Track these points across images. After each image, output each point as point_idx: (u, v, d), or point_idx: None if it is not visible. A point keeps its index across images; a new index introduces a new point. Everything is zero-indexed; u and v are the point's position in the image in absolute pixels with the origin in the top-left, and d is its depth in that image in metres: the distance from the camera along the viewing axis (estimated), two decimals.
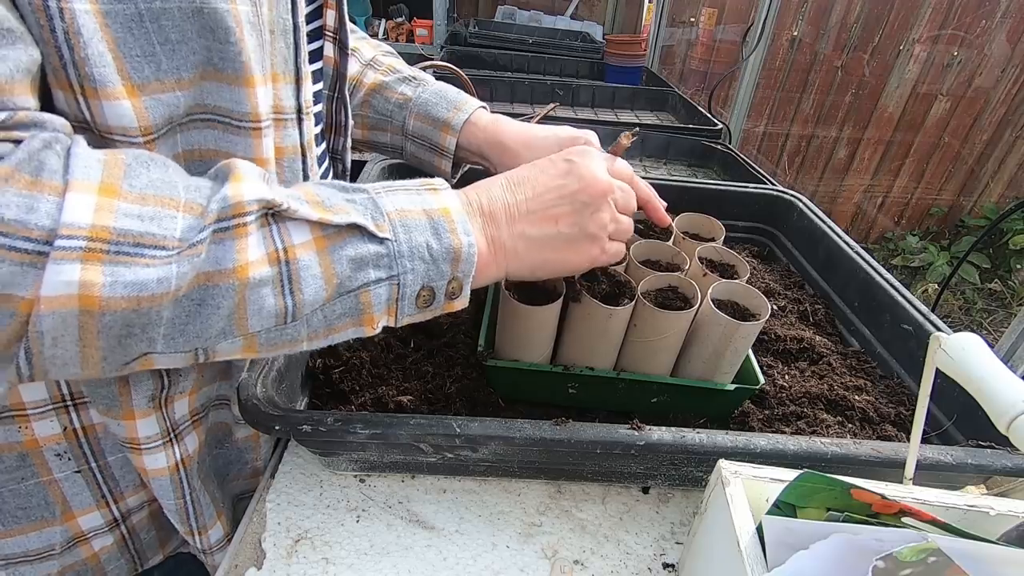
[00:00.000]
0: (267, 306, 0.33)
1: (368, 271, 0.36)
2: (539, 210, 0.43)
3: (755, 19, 1.76)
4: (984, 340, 0.37)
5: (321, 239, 0.35)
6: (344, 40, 0.52)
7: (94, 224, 0.28)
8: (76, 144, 0.30)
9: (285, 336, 0.36)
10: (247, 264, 0.32)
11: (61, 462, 0.45)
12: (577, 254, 0.44)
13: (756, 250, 0.94)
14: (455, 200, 0.40)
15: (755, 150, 3.09)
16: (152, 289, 0.29)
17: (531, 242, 0.43)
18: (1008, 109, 2.90)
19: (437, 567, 0.46)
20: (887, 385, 0.64)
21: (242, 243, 0.32)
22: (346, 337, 0.38)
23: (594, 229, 0.44)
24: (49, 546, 0.47)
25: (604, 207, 0.44)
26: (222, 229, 0.31)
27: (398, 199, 0.38)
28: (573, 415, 0.51)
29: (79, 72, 0.31)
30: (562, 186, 0.43)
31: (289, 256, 0.34)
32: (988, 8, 2.68)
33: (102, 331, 0.29)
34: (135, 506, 0.51)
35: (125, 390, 0.42)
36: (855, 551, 0.33)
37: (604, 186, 0.44)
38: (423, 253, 0.37)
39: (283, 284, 0.33)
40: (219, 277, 0.31)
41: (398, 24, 2.88)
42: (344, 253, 0.35)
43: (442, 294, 0.39)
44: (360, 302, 0.37)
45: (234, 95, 0.38)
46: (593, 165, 0.44)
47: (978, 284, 2.82)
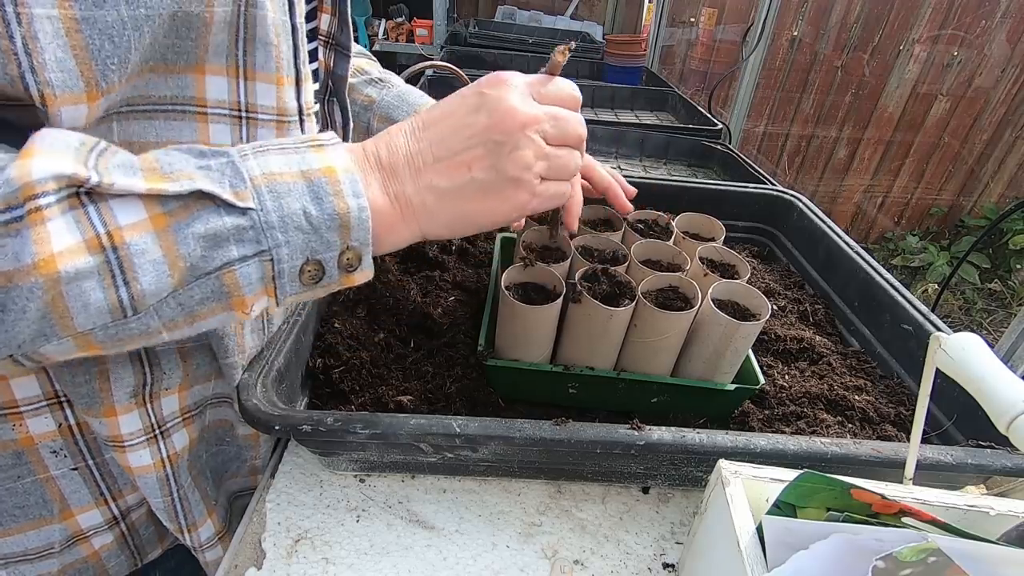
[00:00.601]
0: (94, 301, 0.29)
1: (229, 248, 0.31)
2: (446, 156, 0.37)
3: (755, 19, 1.76)
4: (984, 340, 0.37)
5: (160, 216, 0.29)
6: (344, 43, 0.52)
7: None
8: None
9: (130, 331, 0.31)
10: (52, 256, 0.27)
11: (57, 459, 0.45)
12: (500, 202, 0.38)
13: (756, 250, 0.94)
14: (343, 157, 0.35)
15: (755, 150, 3.09)
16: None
17: (442, 194, 0.37)
18: (1008, 109, 2.90)
19: (437, 567, 0.46)
20: (887, 385, 0.64)
21: (39, 232, 0.26)
22: (216, 324, 0.34)
23: (514, 171, 0.37)
24: (48, 544, 0.47)
25: (524, 143, 0.37)
26: (12, 219, 0.26)
27: (269, 161, 0.33)
28: (573, 415, 0.51)
29: (38, 78, 0.29)
30: (471, 124, 0.37)
31: (116, 241, 0.28)
32: (988, 8, 2.68)
33: None
34: (134, 503, 0.51)
35: (105, 386, 0.41)
36: (855, 551, 0.33)
37: (522, 117, 0.37)
38: (300, 222, 0.32)
39: (112, 274, 0.29)
40: (18, 276, 0.26)
41: (398, 24, 2.88)
42: (191, 230, 0.30)
43: (334, 267, 0.35)
44: (224, 283, 0.32)
45: (179, 81, 0.35)
46: (508, 95, 0.37)
47: (978, 284, 2.82)
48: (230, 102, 0.38)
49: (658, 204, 0.89)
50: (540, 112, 0.38)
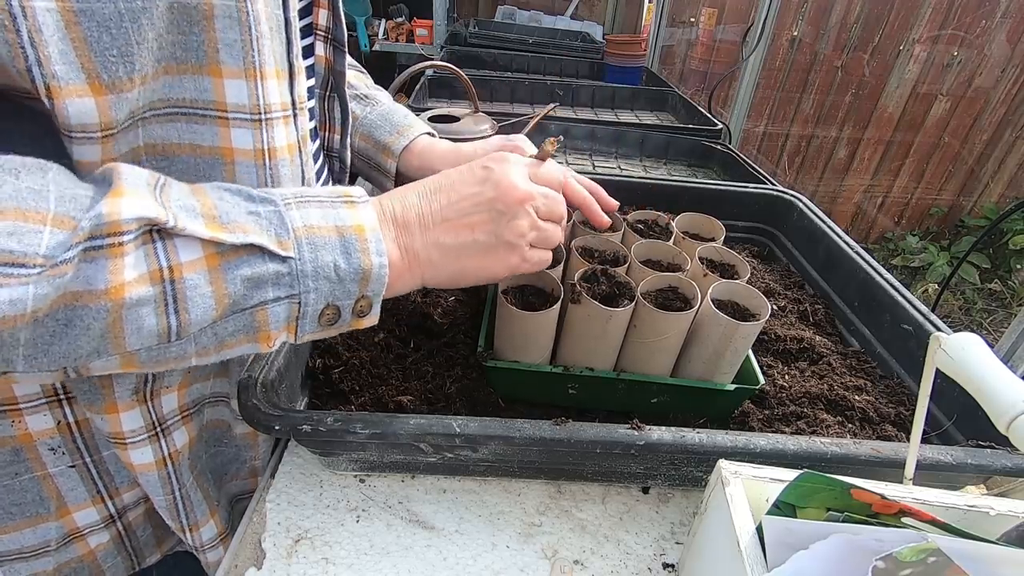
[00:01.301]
0: (147, 326, 0.32)
1: (266, 290, 0.35)
2: (454, 218, 0.42)
3: (755, 19, 1.76)
4: (984, 340, 0.37)
5: (214, 256, 0.33)
6: (339, 38, 0.53)
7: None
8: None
9: (169, 354, 0.34)
10: (122, 285, 0.30)
11: (55, 456, 0.45)
12: (495, 262, 0.44)
13: (756, 250, 0.94)
14: (370, 216, 0.39)
15: (755, 150, 3.09)
16: (3, 311, 0.27)
17: (446, 250, 0.42)
18: (1008, 109, 2.90)
19: (437, 567, 0.46)
20: (887, 385, 0.64)
21: (116, 263, 0.30)
22: (239, 353, 0.37)
23: (511, 237, 0.43)
24: (44, 542, 0.47)
25: (522, 215, 0.43)
26: (94, 248, 0.29)
27: (310, 214, 0.36)
28: (573, 415, 0.51)
29: (43, 71, 0.30)
30: (478, 193, 0.43)
31: (175, 275, 0.32)
32: (988, 8, 2.68)
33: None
34: (131, 502, 0.51)
35: (107, 383, 0.42)
36: (855, 551, 0.33)
37: (521, 194, 0.43)
38: (329, 273, 0.36)
39: (167, 303, 0.32)
40: (89, 298, 0.29)
41: (398, 24, 2.88)
42: (239, 272, 0.33)
43: (348, 312, 0.38)
44: (255, 319, 0.35)
45: (197, 84, 0.37)
46: (511, 172, 0.44)
47: (978, 284, 2.82)
48: (250, 106, 0.40)
49: (658, 204, 0.89)
50: (535, 191, 0.44)
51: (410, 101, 1.48)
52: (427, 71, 1.43)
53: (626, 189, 0.91)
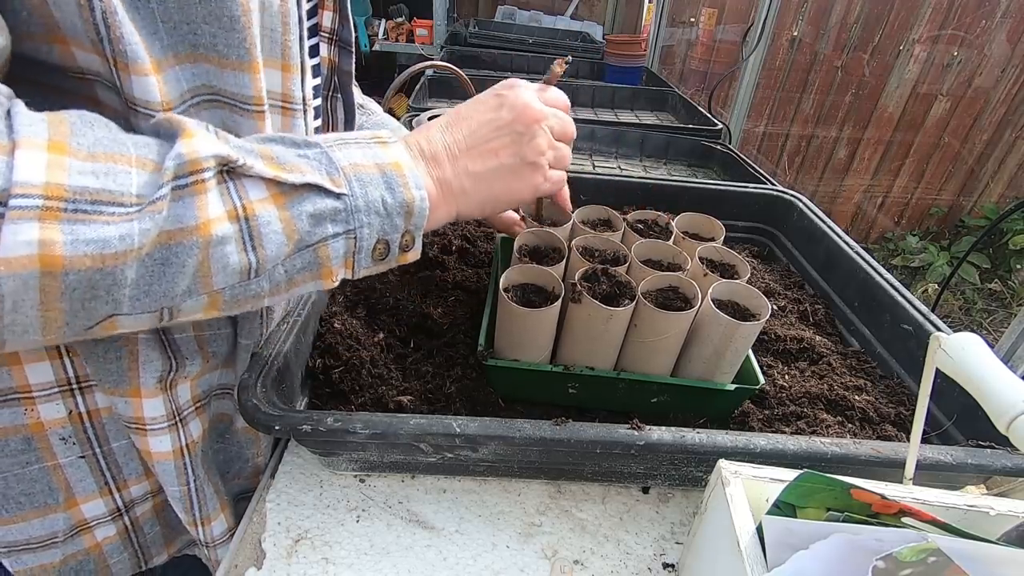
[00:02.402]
0: (231, 263, 0.34)
1: (326, 225, 0.36)
2: (478, 145, 0.44)
3: (755, 19, 1.76)
4: (984, 340, 0.37)
5: (278, 195, 0.35)
6: (346, 39, 0.53)
7: (48, 182, 0.27)
8: (16, 105, 0.29)
9: (249, 292, 0.36)
10: (208, 221, 0.32)
11: (66, 446, 0.45)
12: (521, 182, 0.46)
13: (756, 250, 0.94)
14: (404, 153, 0.41)
15: (755, 150, 3.09)
16: (115, 247, 0.29)
17: (476, 177, 0.44)
18: (1008, 109, 2.90)
19: (437, 567, 0.46)
20: (887, 385, 0.64)
21: (202, 200, 0.32)
22: (306, 290, 0.39)
23: (533, 156, 0.45)
24: (52, 533, 0.48)
25: (539, 134, 0.45)
26: (180, 186, 0.31)
27: (351, 153, 0.38)
28: (573, 415, 0.51)
29: (114, 48, 0.33)
30: (496, 118, 0.44)
31: (248, 212, 0.34)
32: (988, 8, 2.68)
33: (65, 292, 0.29)
34: (138, 496, 0.51)
35: (134, 366, 0.43)
36: (855, 551, 0.33)
37: (536, 113, 0.45)
38: (378, 207, 0.38)
39: (244, 240, 0.34)
40: (182, 235, 0.31)
41: (398, 24, 2.88)
42: (303, 208, 0.35)
43: (396, 247, 0.40)
44: (318, 256, 0.37)
45: (238, 79, 0.39)
46: (523, 95, 0.45)
47: (978, 284, 2.82)
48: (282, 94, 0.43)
49: (658, 204, 0.89)
50: (548, 110, 0.46)
51: (410, 101, 1.47)
52: (427, 71, 1.43)
53: (626, 189, 0.91)
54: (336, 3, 0.51)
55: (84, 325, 0.31)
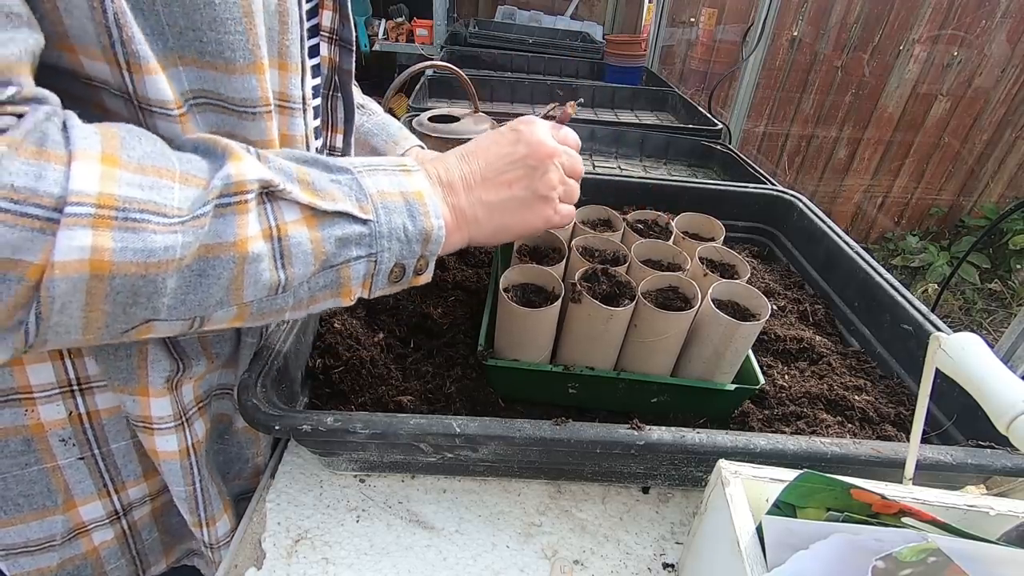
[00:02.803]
0: (263, 279, 0.35)
1: (351, 248, 0.38)
2: (493, 177, 0.46)
3: (755, 19, 1.75)
4: (984, 340, 0.37)
5: (311, 218, 0.37)
6: (347, 38, 0.53)
7: (101, 192, 0.29)
8: (71, 117, 0.31)
9: (274, 306, 0.38)
10: (247, 239, 0.34)
11: (65, 448, 0.45)
12: (533, 214, 0.47)
13: (756, 250, 0.94)
14: (426, 182, 0.43)
15: (755, 150, 3.09)
16: (159, 256, 0.31)
17: (489, 207, 0.45)
18: (1008, 109, 2.90)
19: (437, 567, 0.46)
20: (887, 385, 0.64)
21: (243, 219, 0.34)
22: (325, 307, 0.41)
23: (544, 190, 0.47)
24: (50, 536, 0.48)
25: (552, 169, 0.47)
26: (224, 204, 0.33)
27: (379, 180, 0.40)
28: (573, 415, 0.51)
29: (126, 50, 0.34)
30: (511, 153, 0.46)
31: (281, 233, 0.35)
32: (988, 8, 2.68)
33: (109, 296, 0.30)
34: (136, 499, 0.51)
35: (143, 366, 0.43)
36: (855, 551, 0.33)
37: (550, 150, 0.47)
38: (400, 234, 0.40)
39: (276, 259, 0.36)
40: (220, 249, 0.33)
41: (398, 24, 2.88)
42: (333, 232, 0.37)
43: (411, 270, 0.42)
44: (340, 276, 0.39)
45: (246, 83, 0.39)
46: (538, 131, 0.47)
47: (978, 284, 2.82)
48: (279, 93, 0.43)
49: (658, 204, 0.89)
50: (560, 148, 0.48)
51: (410, 101, 1.47)
52: (427, 71, 1.43)
53: (626, 189, 0.91)
54: (336, 2, 0.51)
55: (122, 328, 0.33)
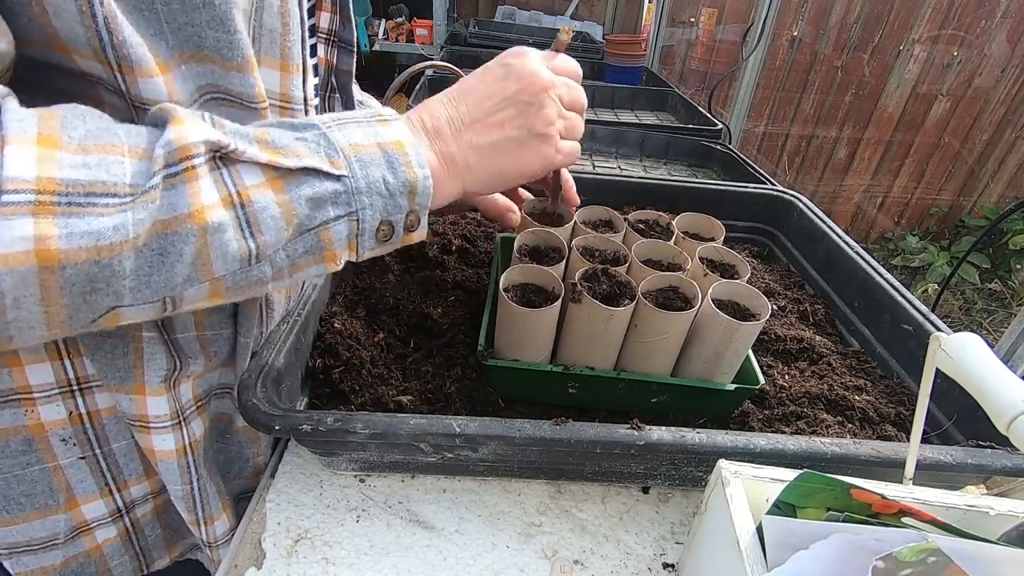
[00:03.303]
0: (231, 250, 0.33)
1: (327, 208, 0.36)
2: (483, 117, 0.42)
3: (755, 19, 1.75)
4: (984, 340, 0.37)
5: (275, 180, 0.34)
6: (347, 39, 0.53)
7: (39, 176, 0.27)
8: (7, 101, 0.29)
9: (251, 277, 0.35)
10: (203, 208, 0.32)
11: (66, 447, 0.45)
12: (531, 155, 0.44)
13: (756, 250, 0.94)
14: (407, 131, 0.40)
15: (755, 150, 3.09)
16: (110, 237, 0.29)
17: (482, 151, 0.42)
18: (1008, 109, 2.90)
19: (437, 567, 0.46)
20: (887, 385, 0.64)
21: (194, 187, 0.31)
22: (310, 275, 0.39)
23: (541, 127, 0.43)
24: (53, 535, 0.48)
25: (548, 103, 0.43)
26: (172, 174, 0.31)
27: (351, 133, 0.37)
28: (573, 415, 0.51)
29: (117, 53, 0.33)
30: (502, 89, 0.43)
31: (243, 199, 0.33)
32: (988, 8, 2.68)
33: (64, 287, 0.29)
34: (138, 497, 0.51)
35: (139, 364, 0.43)
36: (855, 551, 0.33)
37: (544, 82, 0.43)
38: (380, 188, 0.37)
39: (242, 227, 0.33)
40: (176, 224, 0.31)
41: (398, 24, 2.88)
42: (301, 192, 0.35)
43: (400, 227, 0.40)
44: (320, 239, 0.37)
45: (243, 80, 0.39)
46: (530, 63, 0.44)
47: (978, 284, 2.82)
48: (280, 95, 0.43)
49: (658, 204, 0.89)
50: (556, 79, 0.44)
51: (410, 101, 1.48)
52: (427, 71, 1.43)
53: (626, 189, 0.91)
54: (335, 4, 0.51)
55: (88, 318, 0.31)
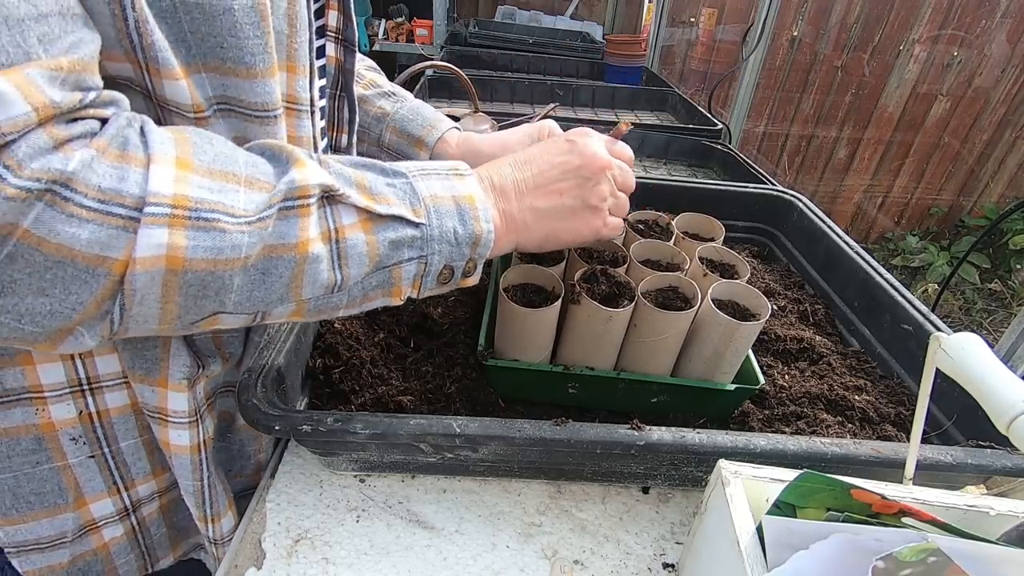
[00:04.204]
0: (321, 279, 0.37)
1: (403, 250, 0.40)
2: (545, 184, 0.47)
3: (755, 19, 1.75)
4: (984, 340, 0.37)
5: (367, 221, 0.38)
6: (349, 38, 0.54)
7: (175, 193, 0.31)
8: (147, 123, 0.33)
9: (329, 304, 0.39)
10: (308, 240, 0.36)
11: (76, 447, 0.46)
12: (582, 223, 0.48)
13: (756, 250, 0.94)
14: (478, 187, 0.44)
15: (755, 150, 3.09)
16: (227, 254, 0.33)
17: (539, 214, 0.46)
18: (1008, 109, 2.90)
19: (437, 567, 0.46)
20: (887, 385, 0.64)
21: (305, 222, 0.36)
22: (374, 305, 0.42)
23: (595, 201, 0.47)
24: (61, 533, 0.48)
25: (604, 181, 0.48)
26: (288, 208, 0.35)
27: (432, 184, 0.42)
28: (573, 415, 0.51)
29: (146, 55, 0.35)
30: (565, 162, 0.47)
31: (339, 236, 0.37)
32: (988, 8, 2.68)
33: (182, 289, 0.33)
34: (145, 496, 0.51)
35: (165, 358, 0.44)
36: (855, 551, 0.33)
37: (603, 162, 0.48)
38: (450, 237, 0.41)
39: (333, 260, 0.37)
40: (283, 250, 0.35)
41: (398, 24, 2.88)
42: (386, 235, 0.39)
43: (459, 272, 0.43)
44: (392, 276, 0.41)
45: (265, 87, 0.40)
46: (593, 144, 0.48)
47: (978, 284, 2.82)
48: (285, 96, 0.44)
49: (658, 204, 0.89)
50: (614, 161, 0.49)
51: None
52: (427, 71, 1.43)
53: None
54: (341, 2, 0.51)
55: (192, 319, 0.35)
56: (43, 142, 0.28)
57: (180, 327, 0.35)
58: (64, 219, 0.28)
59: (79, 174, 0.29)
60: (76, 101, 0.30)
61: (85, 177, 0.29)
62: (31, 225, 0.28)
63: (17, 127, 0.27)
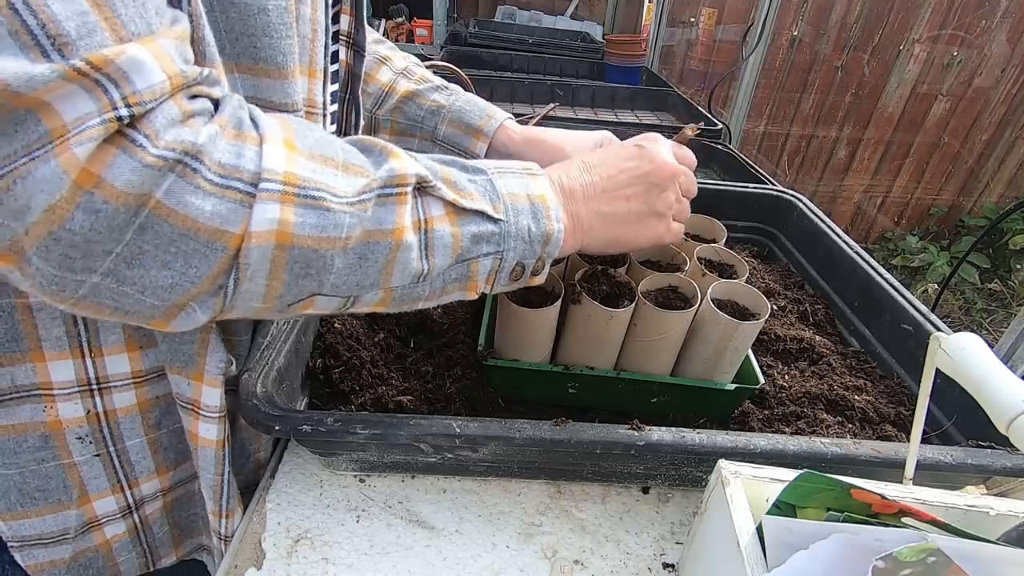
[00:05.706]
0: (411, 268, 0.38)
1: (482, 245, 0.41)
2: (612, 189, 0.47)
3: (755, 19, 1.75)
4: (984, 340, 0.37)
5: (452, 214, 0.39)
6: (360, 43, 0.54)
7: (286, 170, 0.32)
8: (253, 108, 0.34)
9: (413, 293, 0.40)
10: (403, 228, 0.36)
11: (82, 445, 0.46)
12: (646, 230, 0.48)
13: (756, 250, 0.94)
14: (549, 187, 0.44)
15: (755, 150, 3.08)
16: (330, 232, 0.34)
17: (605, 218, 0.46)
18: (1008, 109, 2.90)
19: (437, 567, 0.46)
20: (887, 385, 0.64)
21: (402, 209, 0.36)
22: (451, 299, 0.43)
23: (661, 208, 0.48)
24: (64, 530, 0.48)
25: (671, 188, 0.48)
26: (386, 194, 0.36)
27: (509, 182, 0.42)
28: (573, 415, 0.51)
29: (196, 48, 0.35)
30: (634, 168, 0.47)
31: (428, 226, 0.38)
32: (988, 8, 2.68)
33: (288, 265, 0.34)
34: (148, 494, 0.52)
35: (203, 353, 0.45)
36: (855, 551, 0.33)
37: (672, 169, 0.48)
38: (524, 235, 0.42)
39: (422, 249, 0.38)
40: (380, 235, 0.36)
41: (398, 24, 2.88)
42: (469, 229, 0.40)
43: (530, 270, 0.44)
44: (469, 270, 0.41)
45: (292, 87, 0.41)
46: (662, 150, 0.48)
47: (978, 284, 2.82)
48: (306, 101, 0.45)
49: None
50: (680, 168, 0.49)
51: None
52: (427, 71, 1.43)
53: None
54: (353, 7, 0.52)
55: (292, 299, 0.36)
56: (175, 114, 0.29)
57: (279, 308, 0.36)
58: (192, 191, 0.29)
59: (206, 147, 0.30)
60: (197, 74, 0.31)
61: (211, 151, 0.30)
62: (163, 196, 0.29)
63: (155, 95, 0.28)
